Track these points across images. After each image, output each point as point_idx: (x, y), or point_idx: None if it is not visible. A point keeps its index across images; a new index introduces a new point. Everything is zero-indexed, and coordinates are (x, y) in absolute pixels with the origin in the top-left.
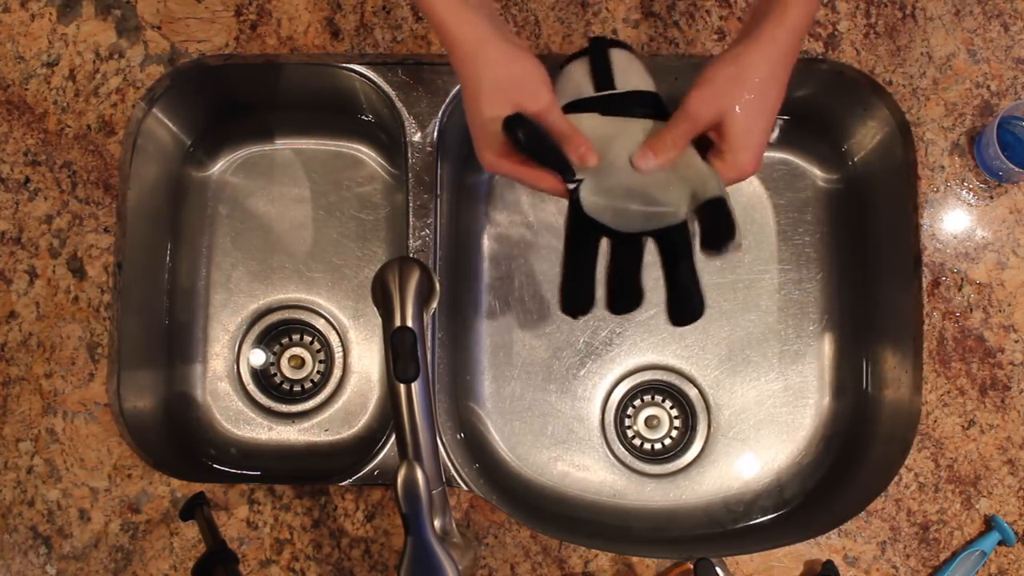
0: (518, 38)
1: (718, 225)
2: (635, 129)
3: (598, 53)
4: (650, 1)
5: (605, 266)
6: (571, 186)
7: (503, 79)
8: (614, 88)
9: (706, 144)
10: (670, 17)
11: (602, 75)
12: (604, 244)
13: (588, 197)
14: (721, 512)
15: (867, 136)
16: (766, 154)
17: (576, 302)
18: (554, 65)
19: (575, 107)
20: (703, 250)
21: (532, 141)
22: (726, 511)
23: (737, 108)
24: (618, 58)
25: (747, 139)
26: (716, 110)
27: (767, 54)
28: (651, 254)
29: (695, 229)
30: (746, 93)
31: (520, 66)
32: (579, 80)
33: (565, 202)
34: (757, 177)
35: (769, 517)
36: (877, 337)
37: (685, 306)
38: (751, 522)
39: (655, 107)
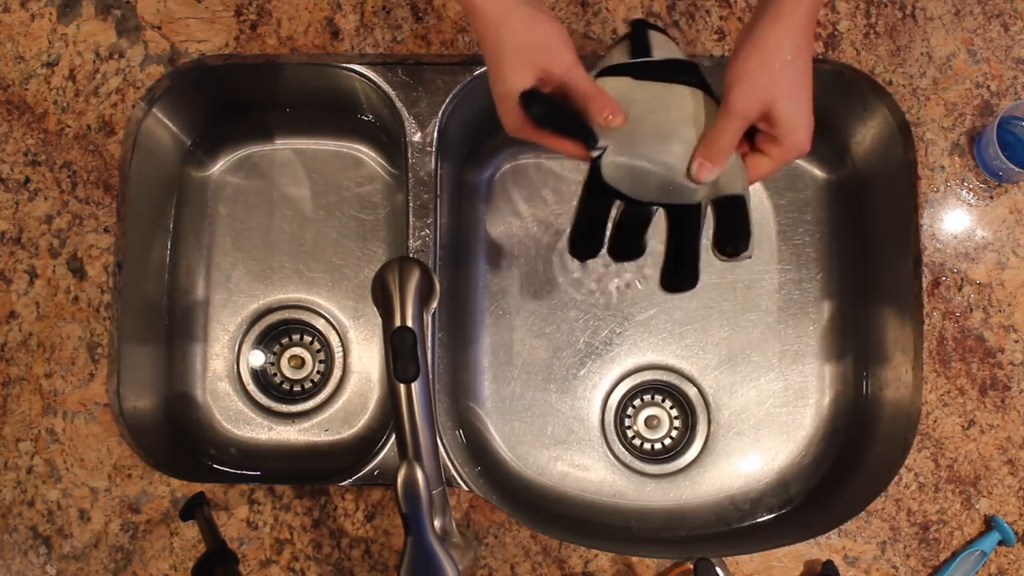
0: (540, 2)
1: (733, 225)
2: (666, 94)
3: (638, 32)
4: (650, 1)
5: (613, 218)
6: (594, 153)
7: (524, 43)
8: (651, 56)
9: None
10: (670, 17)
11: (639, 48)
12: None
13: (609, 164)
14: (721, 512)
15: (867, 136)
16: None
17: (584, 250)
18: None
19: (607, 72)
20: (714, 249)
21: (548, 115)
22: (726, 511)
23: (779, 93)
24: (657, 37)
25: (797, 119)
26: (760, 103)
27: (790, 32)
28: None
29: (710, 221)
30: (783, 77)
31: (541, 28)
32: (617, 54)
33: (565, 201)
34: None
35: (769, 517)
36: (877, 337)
37: (680, 276)
38: (751, 522)
39: (691, 74)
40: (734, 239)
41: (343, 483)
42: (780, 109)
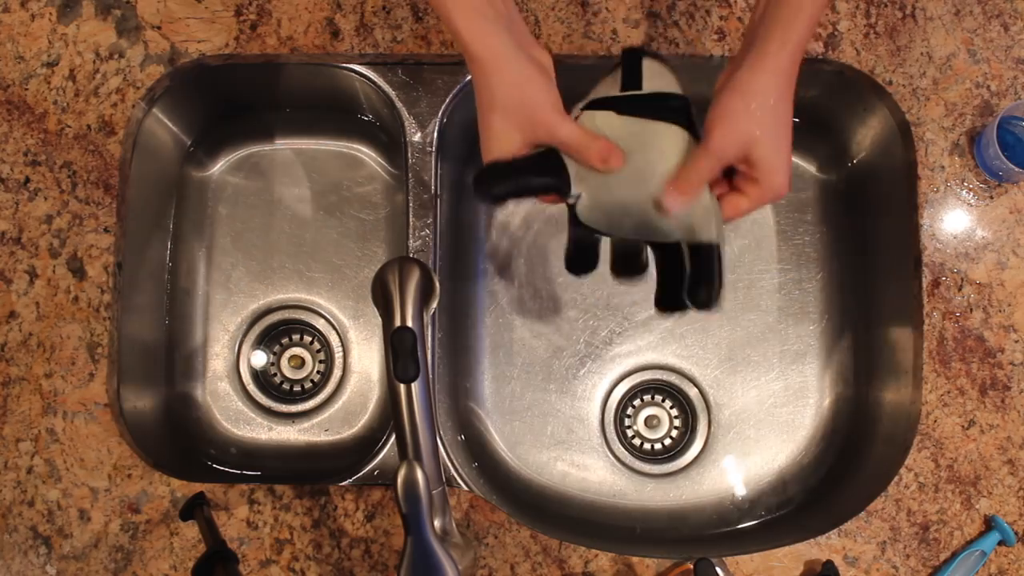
0: (537, 46)
1: (703, 275)
2: (648, 132)
3: (630, 60)
4: (650, 1)
5: (610, 241)
6: (570, 200)
7: (513, 101)
8: (640, 89)
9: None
10: (670, 17)
11: (630, 78)
12: None
13: (584, 208)
14: (721, 512)
15: (867, 136)
16: None
17: (579, 267)
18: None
19: (593, 106)
20: (687, 295)
21: (507, 193)
22: (726, 511)
23: (759, 135)
24: (650, 66)
25: (776, 161)
26: (740, 145)
27: (774, 76)
28: None
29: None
30: (764, 120)
31: (531, 89)
32: (608, 85)
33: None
34: None
35: (769, 517)
36: (877, 337)
37: (670, 301)
38: (751, 522)
39: (677, 111)
40: (704, 288)
41: (343, 483)
42: (760, 152)
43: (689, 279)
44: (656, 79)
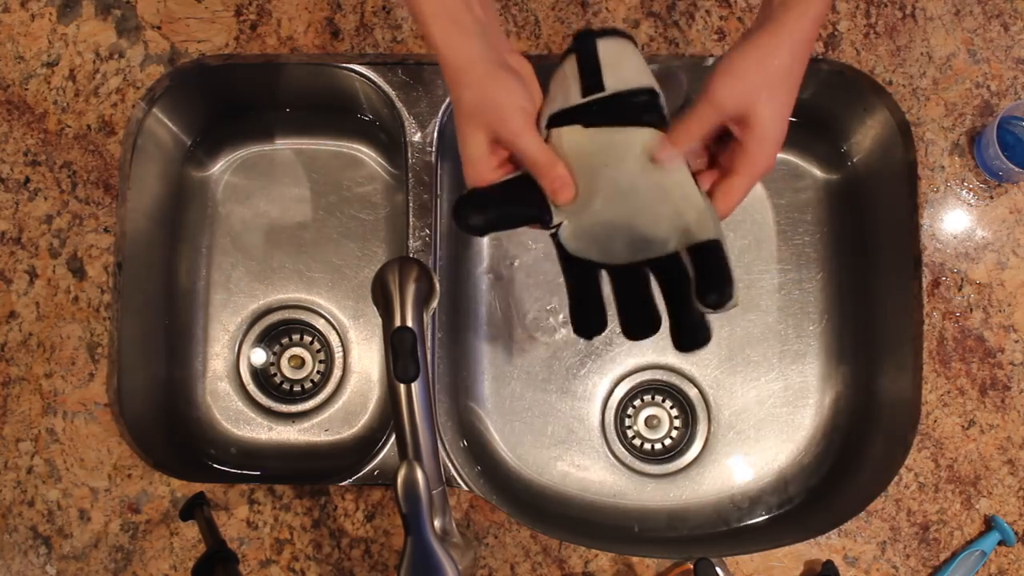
0: (514, 53)
1: (713, 272)
2: (620, 141)
3: (584, 49)
4: (650, 1)
5: (612, 290)
6: (552, 230)
7: (480, 106)
8: (603, 89)
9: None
10: (670, 17)
11: (589, 75)
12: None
13: (569, 237)
14: (722, 512)
15: (867, 136)
16: None
17: (587, 325)
18: (552, 65)
19: (558, 119)
20: (697, 303)
21: (486, 222)
22: (727, 511)
23: (766, 96)
24: (607, 50)
25: (772, 130)
26: (743, 99)
27: (791, 44)
28: None
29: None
30: (774, 80)
31: (498, 94)
32: (568, 82)
33: None
34: None
35: (769, 517)
36: (877, 337)
37: (689, 336)
38: (751, 522)
39: (646, 108)
40: (717, 285)
41: (343, 483)
42: (760, 112)
43: (697, 283)
44: (617, 63)
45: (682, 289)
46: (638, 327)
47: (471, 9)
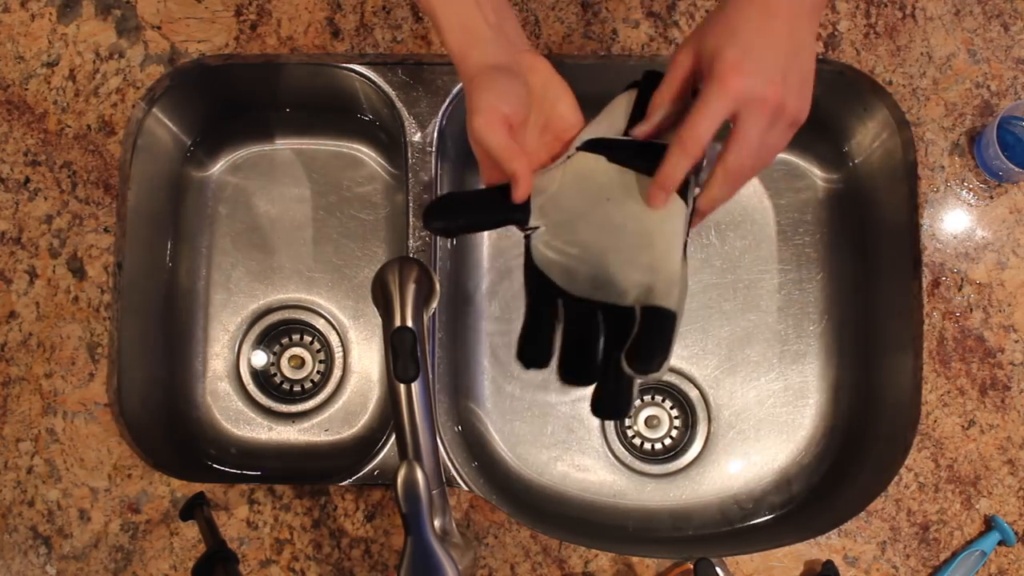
0: (527, 53)
1: (654, 341)
2: (633, 185)
3: (645, 89)
4: (650, 1)
5: (560, 330)
6: (526, 233)
7: (469, 106)
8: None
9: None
10: (670, 17)
11: (638, 116)
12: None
13: (539, 246)
14: (721, 512)
15: (867, 136)
16: None
17: (531, 355)
18: (552, 65)
19: (591, 145)
20: (623, 358)
21: (453, 226)
22: (726, 511)
23: (726, 39)
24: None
25: (722, 51)
26: (696, 48)
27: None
28: None
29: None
30: (736, 27)
31: (477, 92)
32: (616, 114)
33: None
34: (757, 177)
35: (770, 517)
36: (877, 337)
37: (610, 401)
38: (752, 522)
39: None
40: (649, 354)
41: (343, 483)
42: (717, 54)
43: (633, 343)
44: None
45: (617, 352)
46: (572, 372)
47: (485, 16)
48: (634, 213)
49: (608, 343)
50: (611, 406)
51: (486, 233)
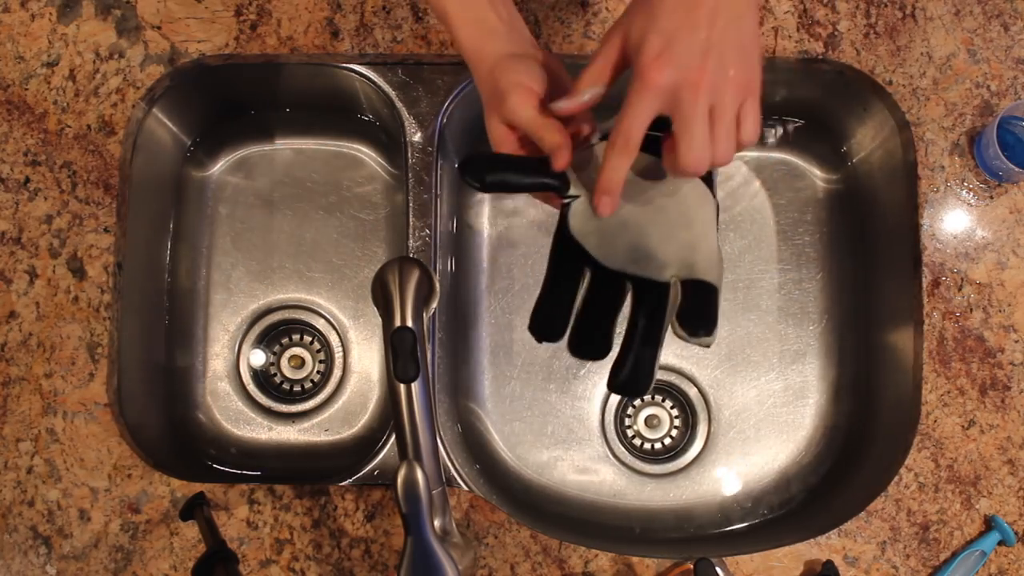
0: (539, 50)
1: (701, 312)
2: (662, 169)
3: None
4: None
5: (579, 301)
6: (565, 201)
7: (490, 94)
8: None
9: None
10: None
11: (661, 120)
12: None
13: (577, 217)
14: (721, 512)
15: (867, 136)
16: (766, 154)
17: (546, 327)
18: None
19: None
20: (676, 322)
21: (500, 181)
22: (726, 511)
23: (648, 24)
24: None
25: (644, 43)
26: (625, 30)
27: None
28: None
29: (676, 301)
30: (656, 11)
31: (499, 74)
32: None
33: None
34: (757, 177)
35: (770, 517)
36: (877, 337)
37: (630, 375)
38: (751, 522)
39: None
40: (707, 323)
41: (343, 483)
42: (638, 37)
43: (688, 314)
44: None
45: (651, 325)
46: (587, 346)
47: (496, 10)
48: (672, 195)
49: (636, 317)
50: (633, 381)
51: (486, 233)
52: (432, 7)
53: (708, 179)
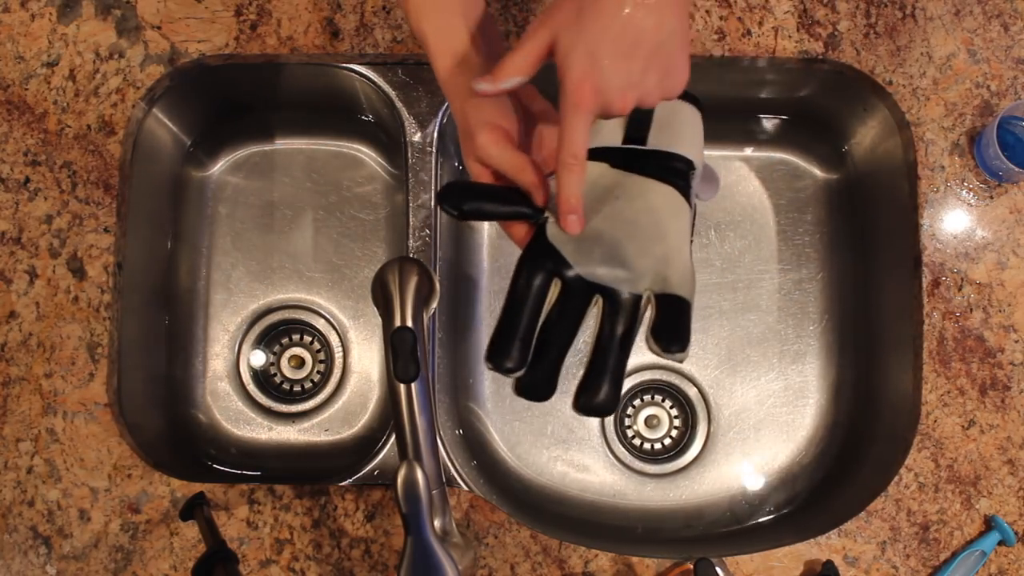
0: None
1: (675, 327)
2: (637, 186)
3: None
4: None
5: (542, 319)
6: (541, 220)
7: (462, 131)
8: (644, 144)
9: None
10: None
11: (636, 128)
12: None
13: (555, 227)
14: (721, 512)
15: (867, 136)
16: (766, 154)
17: (503, 353)
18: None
19: (591, 154)
20: (650, 336)
21: (475, 209)
22: (726, 511)
23: (575, 36)
24: (664, 109)
25: (571, 59)
26: (552, 32)
27: None
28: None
29: (648, 315)
30: (584, 23)
31: (467, 114)
32: (611, 124)
33: None
34: (757, 177)
35: (770, 517)
36: (877, 337)
37: (597, 392)
38: (751, 522)
39: (677, 173)
40: (680, 338)
41: (343, 483)
42: (558, 40)
43: (661, 329)
44: (670, 124)
45: (623, 338)
46: (531, 384)
47: (473, 39)
48: (644, 208)
49: (607, 330)
50: (603, 400)
51: (486, 233)
52: (413, 31)
53: (685, 184)
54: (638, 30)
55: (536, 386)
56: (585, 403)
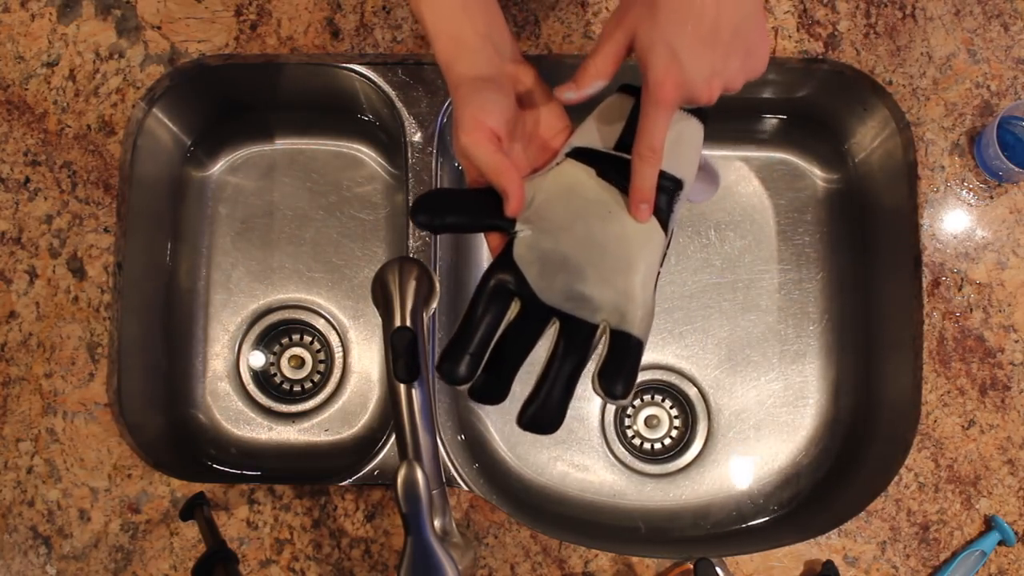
0: (514, 63)
1: (622, 367)
2: (616, 204)
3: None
4: None
5: (498, 335)
6: (511, 234)
7: (456, 120)
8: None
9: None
10: None
11: (631, 132)
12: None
13: (523, 241)
14: (721, 511)
15: (867, 136)
16: (766, 154)
17: (453, 366)
18: (552, 65)
19: (582, 154)
20: (596, 376)
21: (450, 223)
22: (726, 510)
23: (655, 35)
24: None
25: (651, 56)
26: (630, 31)
27: None
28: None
29: (602, 351)
30: (660, 20)
31: (463, 106)
32: (612, 123)
33: None
34: (757, 177)
35: (770, 517)
36: (877, 337)
37: (544, 411)
38: (751, 522)
39: (661, 190)
40: (626, 380)
41: (343, 483)
42: (638, 39)
43: (608, 368)
44: (668, 136)
45: (574, 366)
46: (485, 387)
47: (474, 26)
48: (617, 235)
49: (559, 355)
50: (546, 418)
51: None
52: (413, 14)
53: (667, 206)
54: (714, 16)
55: (488, 391)
56: (528, 420)
